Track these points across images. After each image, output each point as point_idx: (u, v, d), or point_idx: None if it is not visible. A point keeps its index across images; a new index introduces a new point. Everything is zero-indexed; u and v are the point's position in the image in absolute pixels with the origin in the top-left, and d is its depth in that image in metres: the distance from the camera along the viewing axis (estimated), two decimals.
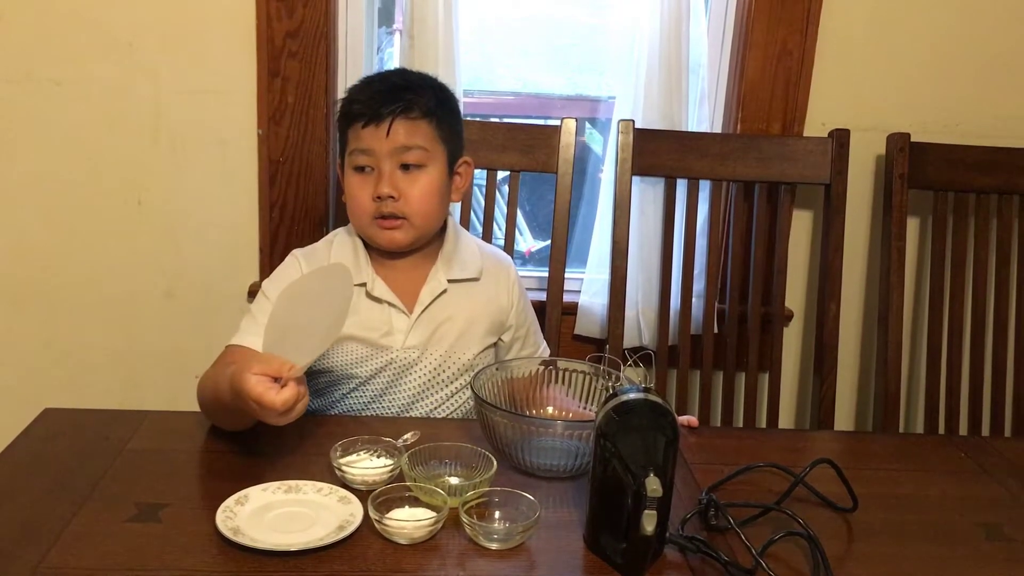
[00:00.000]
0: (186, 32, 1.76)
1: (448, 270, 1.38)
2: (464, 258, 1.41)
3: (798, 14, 1.79)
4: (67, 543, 0.94)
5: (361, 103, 1.31)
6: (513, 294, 1.46)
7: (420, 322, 1.36)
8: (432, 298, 1.36)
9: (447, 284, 1.37)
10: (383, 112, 1.29)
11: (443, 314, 1.37)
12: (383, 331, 1.35)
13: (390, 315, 1.35)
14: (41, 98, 1.77)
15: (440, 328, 1.37)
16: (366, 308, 1.35)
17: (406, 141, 1.30)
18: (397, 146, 1.30)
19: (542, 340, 1.54)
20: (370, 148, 1.30)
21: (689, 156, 1.77)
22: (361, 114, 1.30)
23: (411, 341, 1.36)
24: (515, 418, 1.12)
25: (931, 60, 1.87)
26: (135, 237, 1.85)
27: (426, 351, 1.36)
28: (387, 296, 1.35)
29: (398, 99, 1.30)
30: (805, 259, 1.95)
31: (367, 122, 1.30)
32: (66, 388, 1.90)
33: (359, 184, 1.33)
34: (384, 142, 1.29)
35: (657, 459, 0.92)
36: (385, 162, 1.30)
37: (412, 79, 1.36)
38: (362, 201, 1.32)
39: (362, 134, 1.30)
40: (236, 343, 1.29)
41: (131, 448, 1.15)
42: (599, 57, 2.00)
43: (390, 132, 1.29)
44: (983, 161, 1.81)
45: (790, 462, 1.16)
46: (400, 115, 1.30)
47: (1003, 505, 1.16)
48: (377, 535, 0.97)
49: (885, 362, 1.79)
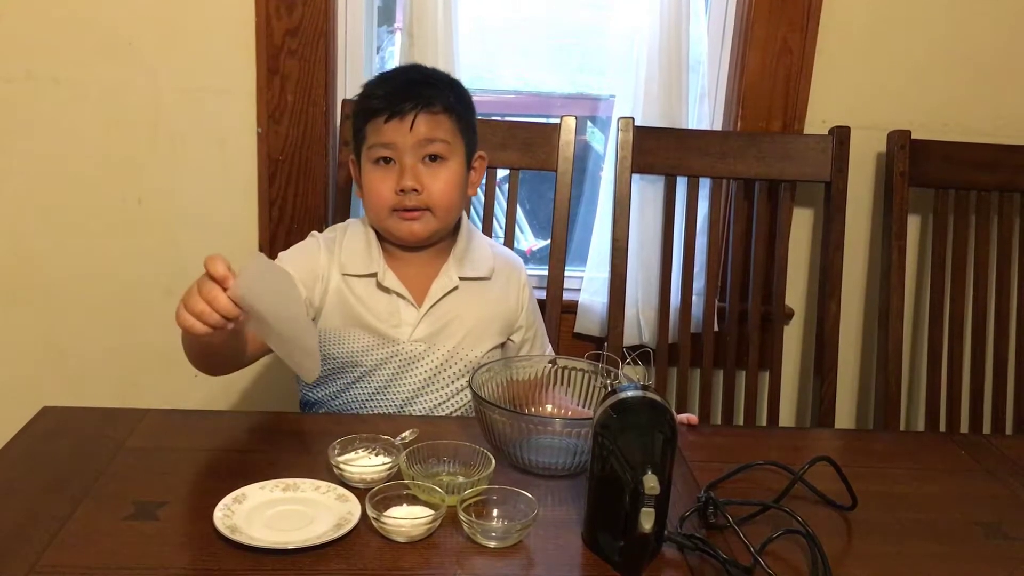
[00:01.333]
0: (185, 31, 1.76)
1: (460, 268, 1.39)
2: (476, 257, 1.42)
3: (798, 11, 1.79)
4: (64, 541, 0.94)
5: (381, 98, 1.32)
6: (523, 295, 1.47)
7: (429, 316, 1.36)
8: (443, 293, 1.37)
9: (458, 281, 1.38)
10: (406, 107, 1.30)
11: (452, 311, 1.38)
12: (391, 322, 1.35)
13: (399, 306, 1.36)
14: (41, 97, 1.77)
15: (449, 324, 1.38)
16: (374, 298, 1.36)
17: (428, 134, 1.32)
18: (420, 139, 1.32)
19: (548, 344, 1.54)
20: (392, 142, 1.31)
21: (689, 154, 1.77)
22: (383, 109, 1.31)
23: (418, 334, 1.36)
24: (514, 416, 1.12)
25: (931, 57, 1.86)
26: (135, 235, 1.85)
27: (433, 346, 1.37)
28: (396, 287, 1.36)
29: (420, 94, 1.32)
30: (805, 257, 1.95)
31: (389, 116, 1.31)
32: (65, 386, 1.90)
33: (380, 177, 1.33)
34: (407, 136, 1.31)
35: (655, 457, 0.92)
36: (407, 155, 1.32)
37: (431, 74, 1.38)
38: (383, 194, 1.33)
39: (384, 128, 1.31)
40: None
41: (129, 446, 1.15)
42: (600, 55, 2.00)
43: (413, 126, 1.31)
44: (984, 159, 1.81)
45: (789, 460, 1.15)
46: (423, 109, 1.31)
47: (1002, 504, 1.16)
48: (375, 533, 0.97)
49: (886, 360, 1.79)
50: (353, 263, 1.37)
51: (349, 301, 1.35)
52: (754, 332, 1.80)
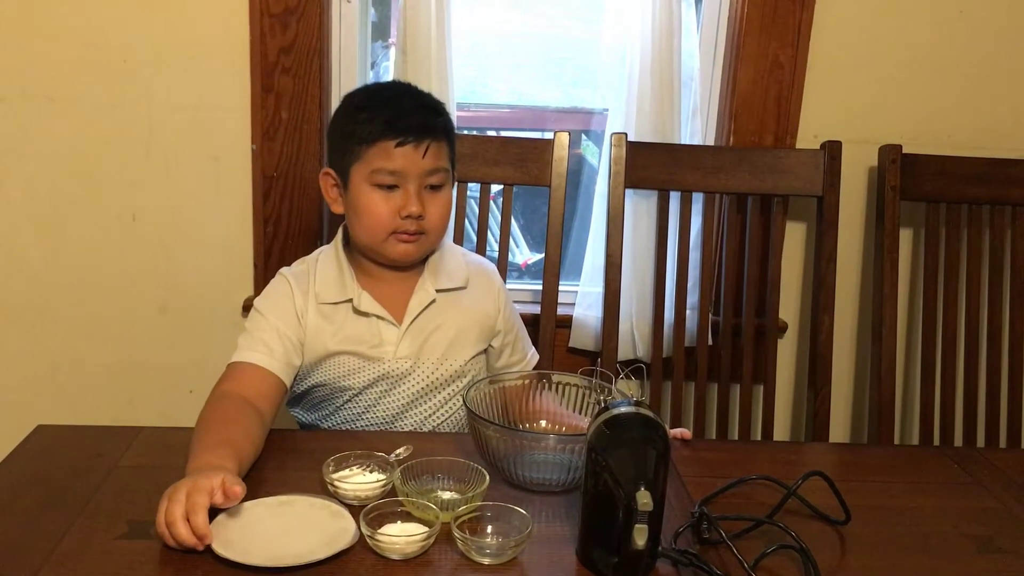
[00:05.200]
0: (179, 48, 1.76)
1: (436, 280, 1.39)
2: (450, 268, 1.43)
3: (789, 27, 1.80)
4: (59, 560, 0.94)
5: (392, 123, 1.28)
6: (499, 300, 1.47)
7: (410, 332, 1.37)
8: (421, 308, 1.37)
9: (435, 294, 1.38)
10: (421, 135, 1.29)
11: (432, 323, 1.38)
12: (373, 343, 1.36)
13: (379, 327, 1.36)
14: (35, 114, 1.78)
15: (431, 337, 1.38)
16: (354, 323, 1.36)
17: (435, 164, 1.31)
18: (429, 168, 1.31)
19: (531, 346, 1.55)
20: (403, 168, 1.29)
21: (682, 169, 1.78)
22: (395, 134, 1.28)
23: (402, 352, 1.36)
24: (507, 432, 1.12)
25: (922, 72, 1.88)
26: (129, 252, 1.85)
27: (419, 360, 1.37)
28: (374, 309, 1.36)
29: (432, 123, 1.31)
30: (799, 271, 1.95)
31: (403, 142, 1.28)
32: (60, 403, 1.90)
33: (382, 200, 1.31)
34: (419, 163, 1.29)
35: (648, 473, 0.92)
36: (412, 182, 1.30)
37: (432, 100, 1.37)
38: (383, 216, 1.31)
39: (395, 153, 1.28)
40: (239, 360, 1.29)
41: (123, 464, 1.15)
42: (593, 70, 2.01)
43: (426, 154, 1.30)
44: (975, 172, 1.82)
45: (783, 474, 1.16)
46: (434, 139, 1.30)
47: (995, 517, 1.16)
48: (369, 550, 0.97)
49: (879, 373, 1.80)
50: (327, 292, 1.36)
51: (329, 330, 1.35)
52: (748, 346, 1.80)
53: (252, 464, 1.15)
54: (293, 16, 1.74)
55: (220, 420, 1.16)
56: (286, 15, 1.74)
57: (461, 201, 1.77)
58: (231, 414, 1.18)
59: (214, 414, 1.18)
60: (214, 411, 1.19)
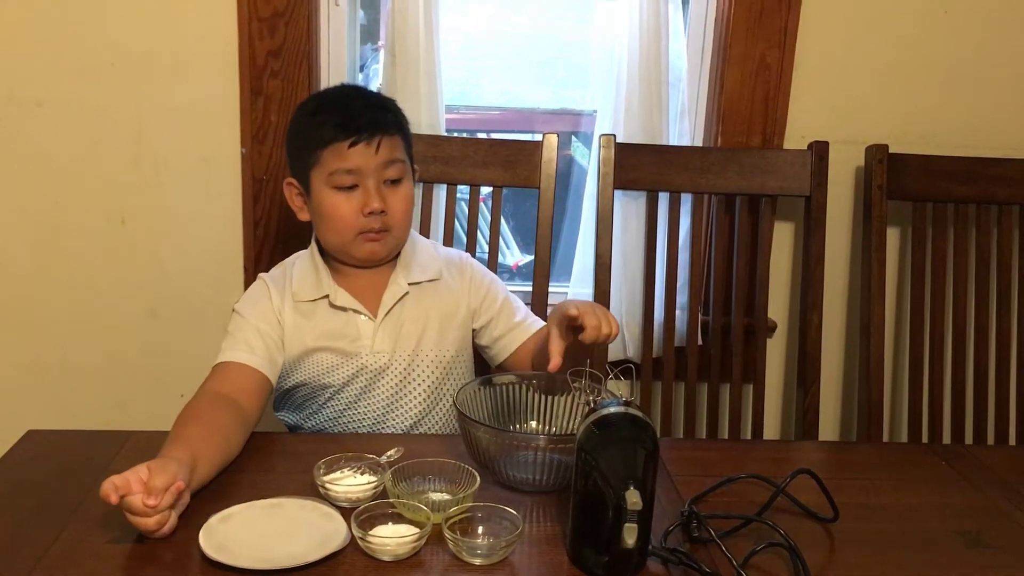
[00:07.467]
0: (168, 52, 1.76)
1: (408, 274, 1.42)
2: (422, 261, 1.45)
3: (776, 28, 1.81)
4: (50, 564, 0.94)
5: (341, 124, 1.32)
6: (474, 283, 1.49)
7: (385, 325, 1.39)
8: (394, 301, 1.40)
9: (407, 287, 1.41)
10: (371, 131, 1.32)
11: (407, 315, 1.41)
12: (350, 338, 1.38)
13: (356, 322, 1.38)
14: (23, 119, 1.77)
15: (405, 328, 1.40)
16: (330, 318, 1.38)
17: (389, 156, 1.34)
18: (383, 162, 1.33)
19: (523, 307, 1.53)
20: (358, 167, 1.32)
21: (670, 170, 1.79)
22: (346, 134, 1.31)
23: (379, 345, 1.38)
24: (497, 433, 1.13)
25: (908, 72, 1.89)
26: (119, 256, 1.85)
27: (395, 353, 1.39)
28: (349, 303, 1.38)
29: (381, 118, 1.34)
30: (787, 270, 1.96)
31: (355, 141, 1.31)
32: (50, 408, 1.90)
33: (344, 201, 1.34)
34: (372, 159, 1.32)
35: (637, 472, 0.93)
36: (371, 178, 1.33)
37: (379, 97, 1.42)
38: (347, 217, 1.34)
39: (349, 153, 1.31)
40: (225, 360, 1.31)
41: (114, 469, 1.14)
42: (582, 71, 2.01)
43: (379, 149, 1.32)
44: (961, 171, 1.83)
45: (772, 473, 1.16)
46: (385, 133, 1.33)
47: (982, 513, 1.17)
48: (361, 552, 0.97)
49: (868, 372, 1.81)
50: (304, 290, 1.39)
51: (307, 326, 1.37)
52: (737, 345, 1.81)
53: (229, 456, 1.16)
54: (281, 19, 1.74)
55: (187, 419, 1.18)
56: (274, 18, 1.74)
57: (451, 203, 1.78)
58: (200, 412, 1.20)
59: (185, 413, 1.20)
60: (185, 410, 1.20)
